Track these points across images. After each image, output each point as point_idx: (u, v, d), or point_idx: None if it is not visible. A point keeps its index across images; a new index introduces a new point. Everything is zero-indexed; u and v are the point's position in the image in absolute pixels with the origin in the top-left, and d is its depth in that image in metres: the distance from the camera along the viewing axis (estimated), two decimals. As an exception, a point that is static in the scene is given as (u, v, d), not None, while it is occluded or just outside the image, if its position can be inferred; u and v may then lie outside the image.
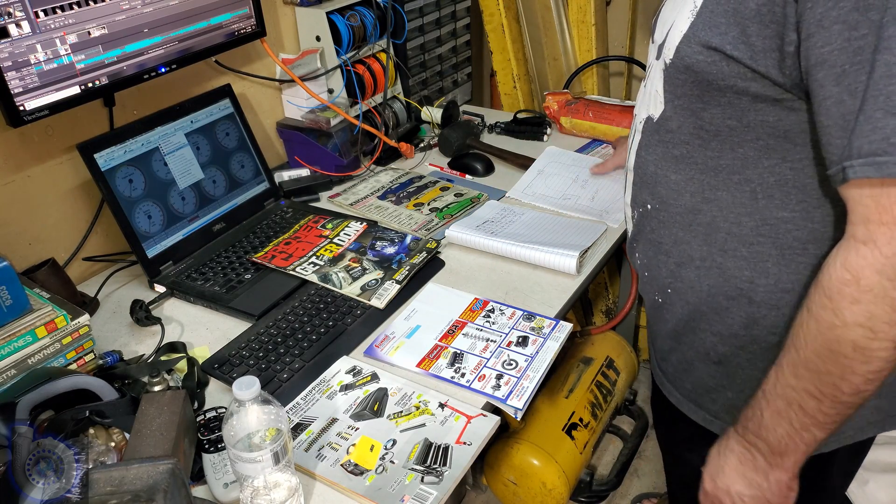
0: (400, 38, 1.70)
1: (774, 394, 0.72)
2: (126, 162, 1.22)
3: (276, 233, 1.36)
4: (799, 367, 0.69)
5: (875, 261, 0.61)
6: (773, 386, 0.73)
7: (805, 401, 0.70)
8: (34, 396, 0.86)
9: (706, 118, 0.76)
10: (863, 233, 0.62)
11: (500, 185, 1.55)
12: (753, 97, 0.71)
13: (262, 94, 1.58)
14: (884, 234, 0.61)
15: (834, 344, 0.65)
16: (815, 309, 0.67)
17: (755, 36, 0.67)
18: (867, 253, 0.62)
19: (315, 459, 0.89)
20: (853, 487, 1.43)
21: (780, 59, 0.67)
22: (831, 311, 0.65)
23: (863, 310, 0.63)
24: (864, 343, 0.64)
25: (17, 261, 1.16)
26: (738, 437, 0.79)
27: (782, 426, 0.73)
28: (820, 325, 0.66)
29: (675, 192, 0.83)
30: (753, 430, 0.76)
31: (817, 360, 0.67)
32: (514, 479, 1.68)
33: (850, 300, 0.63)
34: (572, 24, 1.99)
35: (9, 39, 1.03)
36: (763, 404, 0.74)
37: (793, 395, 0.70)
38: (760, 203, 0.76)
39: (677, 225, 0.85)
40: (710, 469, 0.84)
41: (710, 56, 0.71)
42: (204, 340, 1.12)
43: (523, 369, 1.02)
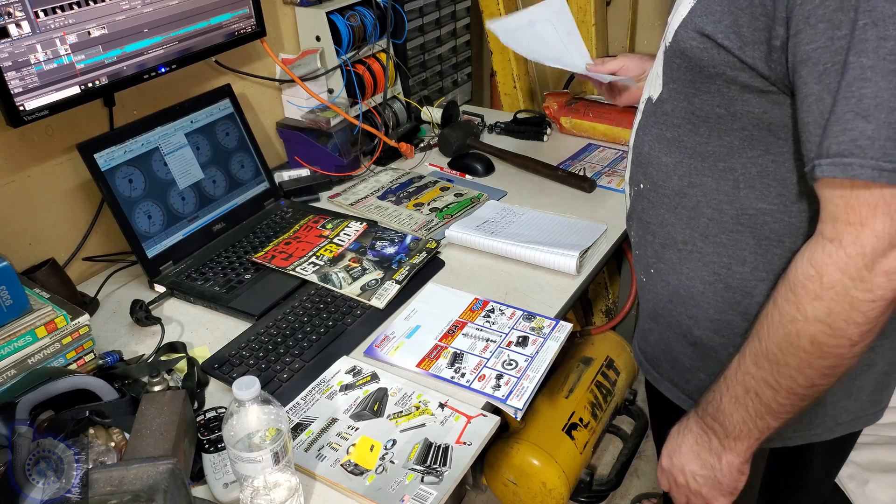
0: (400, 38, 1.70)
1: (734, 380, 0.74)
2: (126, 162, 1.22)
3: (276, 233, 1.36)
4: (760, 356, 0.71)
5: (839, 259, 0.62)
6: (734, 373, 0.74)
7: (762, 390, 0.72)
8: (34, 396, 0.86)
9: (697, 104, 0.77)
10: (830, 231, 0.63)
11: (500, 185, 1.55)
12: (741, 87, 0.71)
13: (262, 94, 1.58)
14: (850, 233, 0.62)
15: (794, 337, 0.67)
16: (780, 301, 0.68)
17: (745, 27, 0.67)
18: (832, 251, 0.63)
19: (315, 459, 0.89)
20: (853, 487, 1.44)
21: (768, 53, 0.67)
22: (794, 304, 0.66)
23: (823, 306, 0.64)
24: (822, 339, 0.65)
25: (17, 261, 1.16)
26: (696, 419, 0.81)
27: (739, 412, 0.75)
28: (783, 317, 0.68)
29: (665, 174, 0.84)
30: (711, 413, 0.78)
31: (777, 351, 0.69)
32: (514, 479, 1.68)
33: (812, 296, 0.65)
34: (572, 24, 1.99)
35: (9, 39, 1.03)
36: (723, 389, 0.76)
37: (751, 383, 0.72)
38: (742, 192, 0.77)
39: (664, 207, 0.86)
40: (669, 447, 0.86)
41: (703, 43, 0.72)
42: (204, 340, 1.12)
43: (523, 369, 1.02)
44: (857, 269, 0.62)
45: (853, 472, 1.46)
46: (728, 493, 0.82)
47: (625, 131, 1.69)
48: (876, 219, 0.60)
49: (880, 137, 0.59)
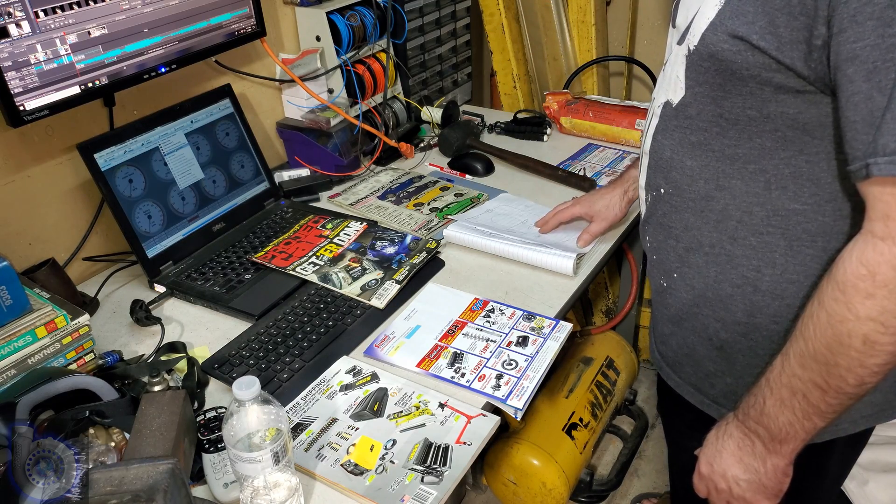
0: (400, 38, 1.70)
1: (779, 383, 0.73)
2: (126, 162, 1.22)
3: (276, 233, 1.36)
4: (807, 357, 0.70)
5: (893, 257, 0.62)
6: (779, 375, 0.73)
7: (810, 391, 0.71)
8: (34, 396, 0.86)
9: (726, 106, 0.76)
10: (881, 229, 0.63)
11: (500, 185, 1.55)
12: (776, 88, 0.71)
13: (262, 94, 1.58)
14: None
15: (844, 337, 0.66)
16: (827, 301, 0.67)
17: (783, 27, 0.66)
18: (885, 249, 0.62)
19: (315, 459, 0.89)
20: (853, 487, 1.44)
21: (807, 52, 0.66)
22: (844, 304, 0.65)
23: (876, 304, 0.63)
24: (875, 337, 0.64)
25: (17, 261, 1.16)
26: (737, 423, 0.80)
27: (785, 415, 0.74)
28: (831, 317, 0.67)
29: (690, 177, 0.83)
30: (755, 417, 0.77)
31: (826, 351, 0.68)
32: (514, 479, 1.68)
33: (864, 295, 0.64)
34: (572, 24, 2.00)
35: (9, 39, 1.03)
36: (766, 392, 0.75)
37: (798, 385, 0.71)
38: (773, 194, 0.76)
39: (689, 210, 0.85)
40: (707, 452, 0.85)
41: (736, 45, 0.71)
42: (204, 340, 1.13)
43: (523, 369, 1.02)
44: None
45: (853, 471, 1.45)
46: (773, 496, 0.81)
47: (624, 131, 1.69)
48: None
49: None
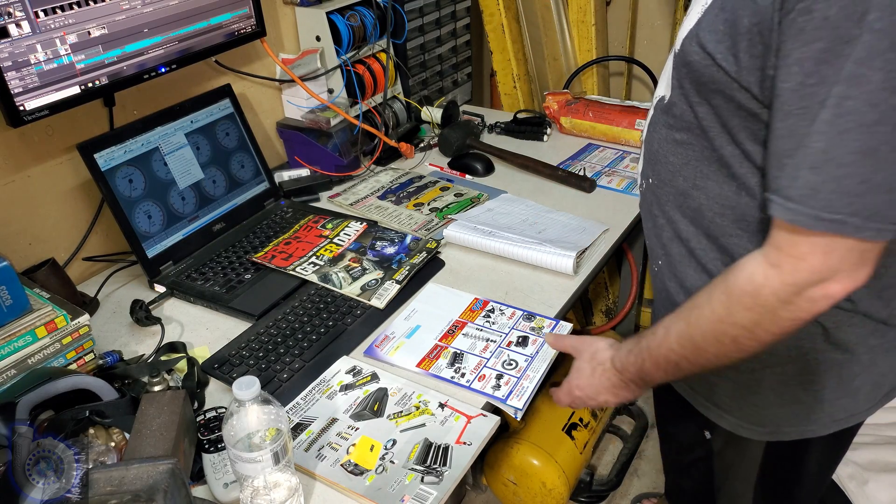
0: (400, 38, 1.70)
1: (658, 352, 0.82)
2: (126, 162, 1.22)
3: (276, 233, 1.36)
4: (684, 338, 0.78)
5: (775, 284, 0.68)
6: (658, 345, 0.82)
7: (681, 363, 0.80)
8: (34, 396, 0.86)
9: (700, 113, 0.78)
10: (774, 256, 0.68)
11: (500, 185, 1.55)
12: (738, 105, 0.73)
13: (262, 94, 1.58)
14: (789, 264, 0.67)
15: (719, 334, 0.74)
16: (714, 300, 0.74)
17: (743, 52, 0.69)
18: (772, 275, 0.68)
19: (315, 459, 0.89)
20: (853, 487, 1.44)
21: (761, 80, 0.69)
22: (726, 308, 0.73)
23: (752, 317, 0.71)
24: (743, 341, 0.73)
25: (17, 261, 1.16)
26: (615, 372, 0.90)
27: (658, 373, 0.84)
28: (713, 314, 0.74)
29: (672, 173, 0.86)
30: (634, 373, 0.87)
31: (701, 340, 0.76)
32: (514, 479, 1.68)
33: (744, 307, 0.71)
34: (572, 24, 2.00)
35: (9, 39, 1.03)
36: (646, 356, 0.84)
37: (672, 357, 0.80)
38: (742, 200, 0.79)
39: (670, 204, 0.89)
40: (581, 384, 0.95)
41: (706, 59, 0.73)
42: (204, 340, 1.13)
43: (523, 369, 1.02)
44: (787, 295, 0.68)
45: (853, 472, 1.46)
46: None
47: (624, 131, 1.69)
48: (814, 256, 0.65)
49: (825, 190, 0.63)
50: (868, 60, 0.59)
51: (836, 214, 0.63)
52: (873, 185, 0.62)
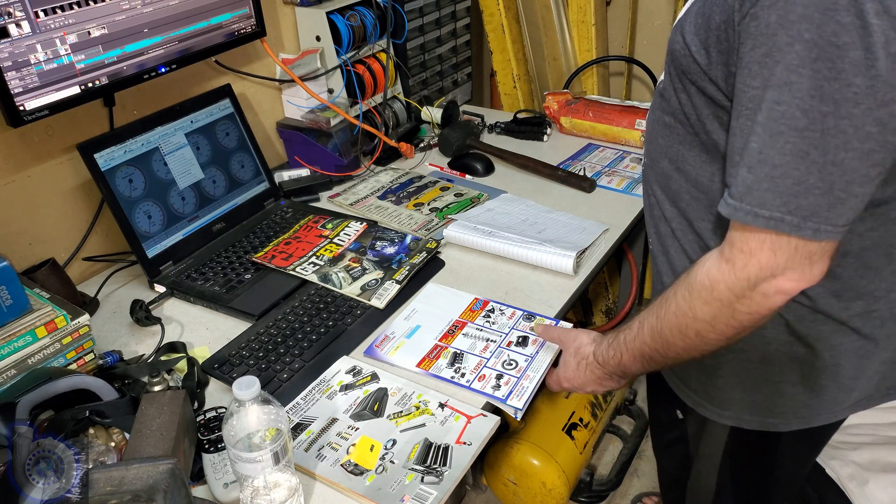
0: (400, 38, 1.70)
1: (633, 345, 0.87)
2: (126, 162, 1.22)
3: (276, 233, 1.36)
4: (655, 332, 0.83)
5: (729, 278, 0.72)
6: (633, 339, 0.87)
7: (654, 355, 0.85)
8: (34, 396, 0.86)
9: (682, 99, 0.82)
10: (728, 252, 0.72)
11: (500, 185, 1.55)
12: (710, 97, 0.77)
13: (262, 94, 1.58)
14: (740, 259, 0.71)
15: (683, 327, 0.78)
16: (679, 296, 0.78)
17: (712, 48, 0.72)
18: (726, 270, 0.72)
19: (315, 459, 0.89)
20: (853, 487, 1.43)
21: (726, 76, 0.72)
22: (688, 303, 0.77)
23: (710, 311, 0.75)
24: (705, 334, 0.77)
25: (17, 261, 1.16)
26: (597, 366, 0.95)
27: (636, 366, 0.89)
28: (678, 309, 0.78)
29: (660, 154, 0.90)
30: (613, 366, 0.92)
31: (669, 334, 0.81)
32: (514, 479, 1.68)
33: (703, 301, 0.75)
34: (572, 24, 2.00)
35: (9, 39, 1.03)
36: (623, 349, 0.89)
37: (646, 350, 0.85)
38: (714, 186, 0.83)
39: (658, 184, 0.92)
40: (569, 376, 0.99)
41: (684, 49, 0.77)
42: (204, 340, 1.13)
43: (523, 369, 1.02)
44: (741, 289, 0.71)
45: (853, 472, 1.46)
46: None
47: (624, 131, 1.69)
48: (763, 252, 0.69)
49: (760, 189, 0.67)
50: (798, 68, 0.62)
51: (773, 212, 0.66)
52: (808, 186, 0.65)
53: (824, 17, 0.60)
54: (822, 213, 0.65)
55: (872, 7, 0.59)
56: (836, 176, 0.64)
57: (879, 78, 0.61)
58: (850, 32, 0.60)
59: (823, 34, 0.61)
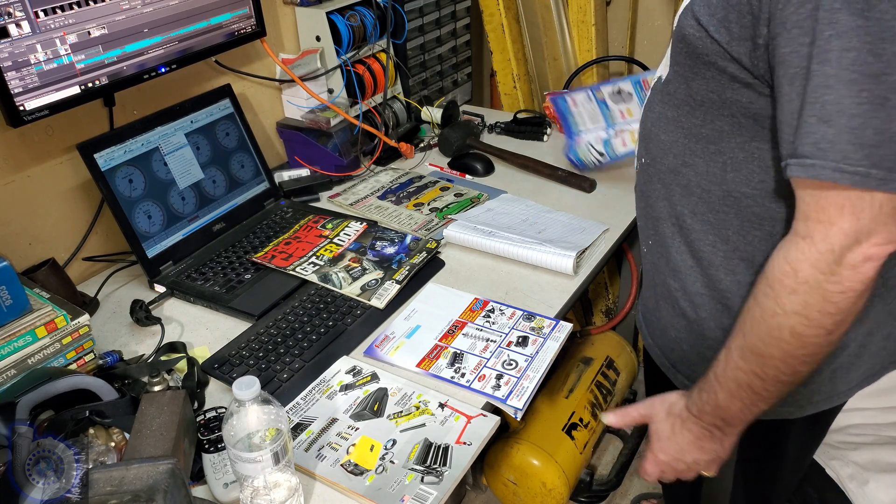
0: (400, 38, 1.70)
1: (726, 376, 0.77)
2: (126, 162, 1.22)
3: (276, 233, 1.36)
4: (746, 350, 0.74)
5: (811, 255, 0.66)
6: (724, 369, 0.77)
7: (753, 381, 0.75)
8: (34, 396, 0.86)
9: (694, 87, 0.79)
10: (803, 228, 0.67)
11: (500, 185, 1.55)
12: (731, 77, 0.74)
13: (262, 94, 1.58)
14: (819, 231, 0.65)
15: (775, 330, 0.71)
16: (760, 297, 0.72)
17: (734, 23, 0.70)
18: (805, 248, 0.67)
19: (315, 459, 0.89)
20: (853, 487, 1.44)
21: (752, 50, 0.70)
22: (773, 299, 0.70)
23: (799, 299, 0.68)
24: (801, 329, 0.69)
25: (17, 261, 1.16)
26: (694, 420, 0.84)
27: (735, 404, 0.78)
28: (763, 311, 0.71)
29: (662, 151, 0.87)
30: (710, 412, 0.81)
31: (761, 344, 0.73)
32: (514, 479, 1.68)
33: (788, 290, 0.68)
34: (572, 24, 1.99)
35: (9, 39, 1.03)
36: (716, 387, 0.79)
37: (742, 377, 0.76)
38: (728, 175, 0.80)
39: (660, 182, 0.90)
40: (664, 447, 0.88)
41: (699, 31, 0.74)
42: (204, 340, 1.13)
43: (523, 369, 1.02)
44: (827, 264, 0.65)
45: (853, 472, 1.46)
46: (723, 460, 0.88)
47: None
48: (843, 217, 0.64)
49: (840, 141, 0.62)
50: (864, 11, 0.59)
51: (857, 166, 0.61)
52: (890, 134, 0.61)
53: None
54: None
55: None
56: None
57: None
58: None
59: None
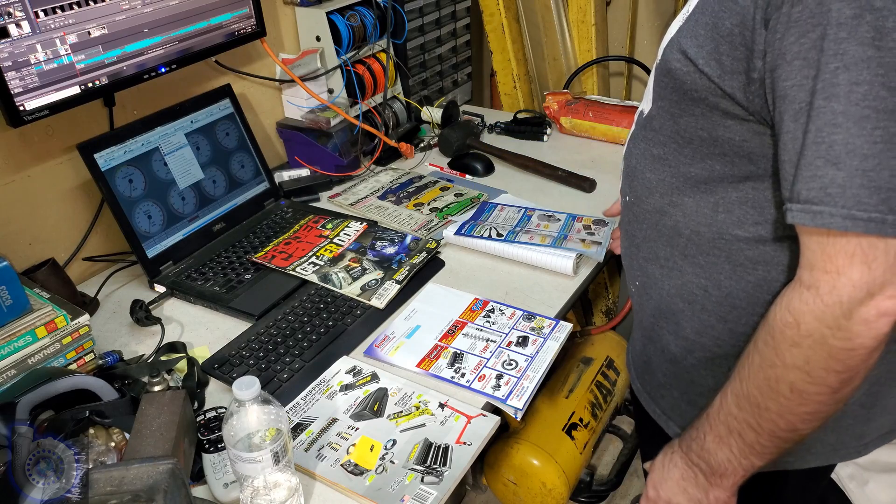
0: (400, 38, 1.70)
1: (717, 420, 0.73)
2: (126, 162, 1.22)
3: (276, 233, 1.36)
4: (741, 398, 0.70)
5: (816, 307, 0.61)
6: (717, 412, 0.73)
7: (745, 431, 0.71)
8: (34, 396, 0.86)
9: (682, 124, 0.75)
10: (808, 278, 0.62)
11: (500, 185, 1.55)
12: (723, 113, 0.70)
13: (262, 94, 1.58)
14: (826, 282, 0.60)
15: (773, 382, 0.66)
16: (760, 345, 0.67)
17: (725, 56, 0.66)
18: (809, 299, 0.62)
19: (315, 459, 0.89)
20: (853, 487, 1.44)
21: (746, 84, 0.65)
22: (773, 349, 0.65)
23: (801, 353, 0.63)
24: (802, 386, 0.64)
25: (17, 261, 1.16)
26: (681, 454, 0.80)
27: (723, 451, 0.74)
28: (763, 360, 0.67)
29: (648, 190, 0.83)
30: (696, 451, 0.77)
31: (758, 394, 0.68)
32: (514, 479, 1.68)
33: (790, 343, 0.64)
34: (572, 24, 1.99)
35: (9, 39, 1.03)
36: (706, 428, 0.75)
37: (734, 424, 0.71)
38: (720, 217, 0.75)
39: (647, 222, 0.85)
40: (654, 479, 0.84)
41: (687, 66, 0.70)
42: (204, 340, 1.12)
43: (523, 369, 1.02)
44: (834, 318, 0.60)
45: (853, 472, 1.46)
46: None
47: (624, 131, 1.68)
48: (853, 268, 0.59)
49: (852, 185, 0.57)
50: (875, 41, 0.54)
51: (872, 212, 0.56)
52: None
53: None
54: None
55: None
56: None
57: None
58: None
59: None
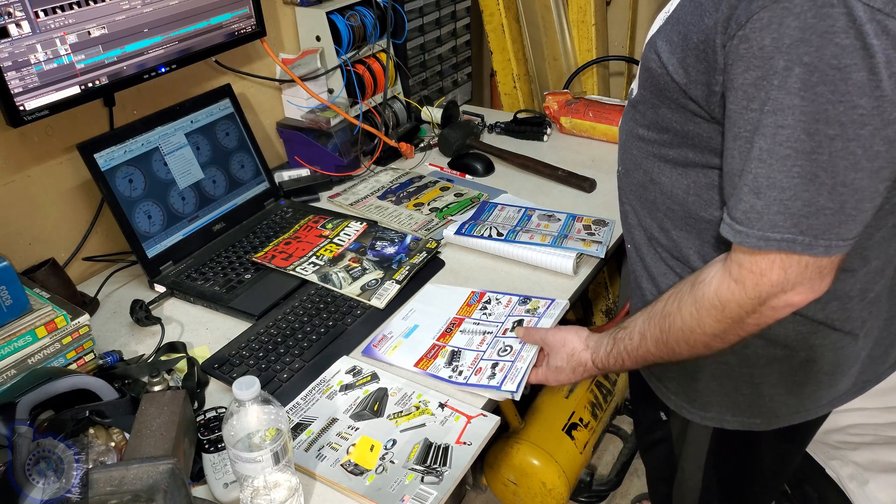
0: (400, 38, 1.70)
1: (636, 354, 0.87)
2: (126, 162, 1.22)
3: (276, 233, 1.36)
4: (660, 343, 0.83)
5: (740, 297, 0.73)
6: (636, 349, 0.87)
7: (656, 361, 0.86)
8: (34, 396, 0.86)
9: (660, 114, 0.82)
10: (736, 272, 0.73)
11: (500, 185, 1.55)
12: (692, 112, 0.77)
13: (262, 94, 1.58)
14: (751, 280, 0.71)
15: (691, 340, 0.80)
16: (685, 312, 0.79)
17: (692, 67, 0.72)
18: (736, 290, 0.73)
19: (315, 459, 0.89)
20: (853, 487, 1.43)
21: (708, 95, 0.72)
22: (697, 319, 0.78)
23: (720, 327, 0.76)
24: (714, 344, 0.79)
25: (17, 261, 1.16)
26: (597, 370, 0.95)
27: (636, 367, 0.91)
28: (684, 324, 0.79)
29: (634, 164, 0.91)
30: (614, 367, 0.93)
31: (675, 344, 0.82)
32: (514, 479, 1.68)
33: (713, 319, 0.76)
34: (572, 24, 1.99)
35: (9, 39, 1.03)
36: (625, 357, 0.89)
37: (650, 357, 0.86)
38: (690, 199, 0.83)
39: (632, 194, 0.93)
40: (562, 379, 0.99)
41: (660, 68, 0.77)
42: (204, 340, 1.13)
43: (517, 352, 1.02)
44: (752, 306, 0.73)
45: (853, 472, 1.46)
46: None
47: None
48: (773, 272, 0.70)
49: (769, 212, 0.67)
50: (800, 92, 0.62)
51: (785, 234, 0.67)
52: (818, 207, 0.65)
53: (823, 40, 0.60)
54: (833, 230, 0.66)
55: (872, 28, 0.59)
56: (846, 195, 0.65)
57: (885, 98, 0.61)
58: (851, 54, 0.60)
59: (823, 57, 0.60)
